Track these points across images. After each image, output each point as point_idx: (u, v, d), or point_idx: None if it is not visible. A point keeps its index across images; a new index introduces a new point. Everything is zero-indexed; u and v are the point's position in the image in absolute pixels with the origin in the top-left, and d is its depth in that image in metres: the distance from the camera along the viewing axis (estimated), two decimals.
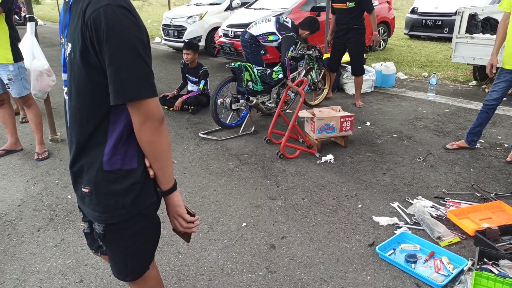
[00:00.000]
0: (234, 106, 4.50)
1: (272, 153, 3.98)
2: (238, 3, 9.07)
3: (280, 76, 4.70)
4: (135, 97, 1.14)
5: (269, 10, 7.67)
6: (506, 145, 4.01)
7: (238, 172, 3.61)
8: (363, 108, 5.34)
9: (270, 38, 4.90)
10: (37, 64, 3.88)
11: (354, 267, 2.35)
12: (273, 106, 4.83)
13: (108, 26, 1.08)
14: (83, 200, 1.31)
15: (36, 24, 4.18)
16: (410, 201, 3.03)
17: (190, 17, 8.91)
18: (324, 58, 5.53)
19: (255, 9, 8.13)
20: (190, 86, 5.59)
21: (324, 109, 4.21)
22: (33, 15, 4.07)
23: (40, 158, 3.91)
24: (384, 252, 2.41)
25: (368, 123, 4.74)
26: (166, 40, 9.65)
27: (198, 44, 6.15)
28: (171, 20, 9.23)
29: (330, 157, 3.78)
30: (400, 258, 2.40)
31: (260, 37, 4.97)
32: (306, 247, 2.54)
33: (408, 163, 3.68)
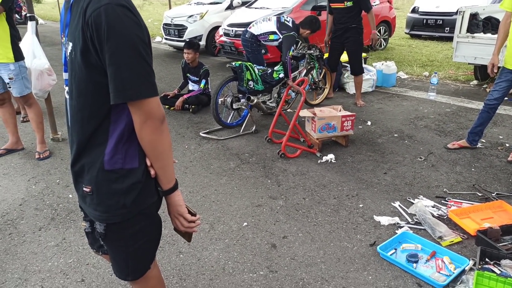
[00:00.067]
0: (235, 106, 4.49)
1: (273, 152, 3.97)
2: (238, 2, 9.06)
3: (281, 75, 4.69)
4: (136, 96, 1.13)
5: (269, 9, 7.65)
6: (507, 144, 4.00)
7: (239, 171, 3.61)
8: (364, 107, 5.33)
9: (271, 37, 4.90)
10: (37, 63, 3.89)
11: (356, 267, 2.35)
12: (274, 105, 4.83)
13: (108, 25, 1.08)
14: (84, 199, 1.31)
15: (36, 23, 4.18)
16: (411, 200, 3.02)
17: (190, 16, 8.90)
18: (325, 57, 5.53)
19: (256, 8, 8.11)
20: (191, 86, 5.59)
21: (325, 108, 4.21)
22: (33, 14, 4.07)
23: (41, 157, 3.91)
24: (385, 251, 2.41)
25: (369, 123, 4.74)
26: (166, 39, 9.65)
27: (199, 43, 6.15)
28: (172, 19, 9.22)
29: (331, 156, 3.78)
30: (401, 258, 2.40)
31: (261, 36, 4.96)
32: (307, 247, 2.54)
33: (409, 163, 3.67)
